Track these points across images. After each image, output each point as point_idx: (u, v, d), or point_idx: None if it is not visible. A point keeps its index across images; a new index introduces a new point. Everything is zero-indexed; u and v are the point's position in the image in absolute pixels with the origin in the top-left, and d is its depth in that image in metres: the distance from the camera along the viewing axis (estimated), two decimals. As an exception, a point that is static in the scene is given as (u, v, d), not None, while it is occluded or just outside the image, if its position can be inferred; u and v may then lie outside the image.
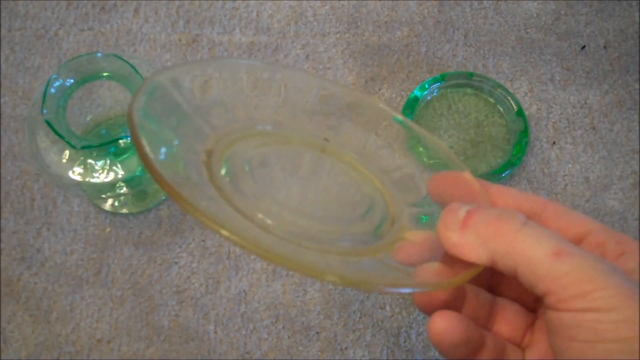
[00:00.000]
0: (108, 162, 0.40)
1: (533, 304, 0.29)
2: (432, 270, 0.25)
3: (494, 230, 0.24)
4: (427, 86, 0.51)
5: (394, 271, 0.26)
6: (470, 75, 0.51)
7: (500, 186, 0.29)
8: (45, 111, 0.37)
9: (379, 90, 0.53)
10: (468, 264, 0.24)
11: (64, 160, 0.40)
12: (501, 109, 0.52)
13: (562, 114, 0.52)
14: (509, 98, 0.51)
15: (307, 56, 0.53)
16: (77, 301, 0.46)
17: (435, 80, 0.51)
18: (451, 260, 0.25)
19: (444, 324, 0.25)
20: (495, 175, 0.49)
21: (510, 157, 0.49)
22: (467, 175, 0.29)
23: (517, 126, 0.50)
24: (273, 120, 0.32)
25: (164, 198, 0.49)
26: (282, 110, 0.32)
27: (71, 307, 0.46)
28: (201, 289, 0.46)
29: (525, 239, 0.23)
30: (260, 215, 0.26)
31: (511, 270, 0.23)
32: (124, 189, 0.41)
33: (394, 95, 0.53)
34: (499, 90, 0.51)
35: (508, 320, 0.28)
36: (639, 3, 0.57)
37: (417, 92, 0.51)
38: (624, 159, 0.51)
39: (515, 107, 0.50)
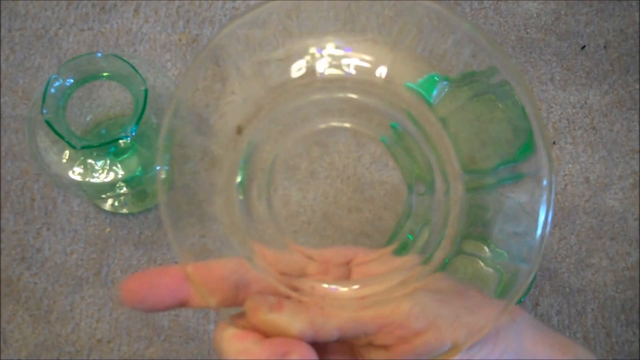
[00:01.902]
0: (108, 162, 0.40)
1: None
2: None
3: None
4: (436, 79, 0.51)
5: None
6: (471, 75, 0.51)
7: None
8: (45, 111, 0.37)
9: (379, 90, 0.53)
10: None
11: (64, 160, 0.40)
12: (501, 109, 0.52)
13: (562, 114, 0.52)
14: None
15: (307, 56, 0.53)
16: (77, 301, 0.46)
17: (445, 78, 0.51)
18: None
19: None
20: (495, 175, 0.49)
21: (510, 157, 0.49)
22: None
23: (517, 126, 0.50)
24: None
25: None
26: None
27: (71, 307, 0.46)
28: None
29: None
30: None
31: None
32: (124, 189, 0.41)
33: (394, 95, 0.53)
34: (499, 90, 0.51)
35: None
36: (639, 3, 0.57)
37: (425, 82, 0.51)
38: (624, 159, 0.51)
39: (515, 107, 0.50)
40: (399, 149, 0.25)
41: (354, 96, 0.24)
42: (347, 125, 0.25)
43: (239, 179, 0.25)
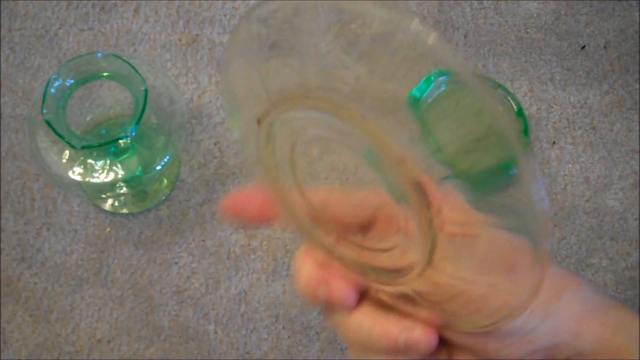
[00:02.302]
0: (108, 162, 0.41)
1: None
2: None
3: None
4: (432, 78, 0.51)
5: None
6: (470, 75, 0.51)
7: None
8: (45, 111, 0.37)
9: (379, 90, 0.53)
10: None
11: (64, 160, 0.40)
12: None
13: (562, 114, 0.52)
14: (508, 98, 0.51)
15: (307, 56, 0.53)
16: (77, 301, 0.46)
17: (442, 73, 0.51)
18: None
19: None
20: (495, 175, 0.49)
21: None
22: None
23: (517, 126, 0.50)
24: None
25: (163, 198, 0.49)
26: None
27: (71, 307, 0.46)
28: (201, 289, 0.46)
29: None
30: None
31: None
32: (124, 189, 0.41)
33: (394, 95, 0.53)
34: (499, 90, 0.51)
35: None
36: (639, 3, 0.57)
37: (423, 84, 0.51)
38: (624, 159, 0.51)
39: (515, 107, 0.50)
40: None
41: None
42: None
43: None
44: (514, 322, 0.22)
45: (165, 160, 0.41)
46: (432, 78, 0.50)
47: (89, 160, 0.40)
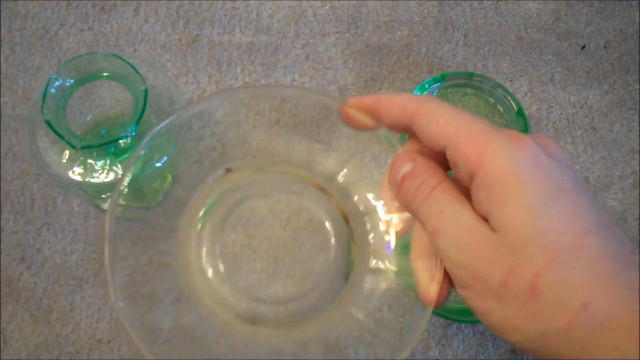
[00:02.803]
0: (108, 162, 0.40)
1: None
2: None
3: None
4: (427, 86, 0.51)
5: None
6: (470, 75, 0.51)
7: (385, 98, 0.29)
8: (45, 111, 0.37)
9: (379, 90, 0.53)
10: None
11: (64, 160, 0.40)
12: (501, 109, 0.52)
13: (562, 114, 0.52)
14: (509, 98, 0.51)
15: (307, 56, 0.53)
16: (77, 301, 0.46)
17: (435, 80, 0.51)
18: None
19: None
20: (495, 175, 0.49)
21: (510, 157, 0.49)
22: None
23: (517, 126, 0.50)
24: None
25: (161, 198, 0.49)
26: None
27: (71, 307, 0.46)
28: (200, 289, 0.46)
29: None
30: None
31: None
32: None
33: (394, 95, 0.53)
34: (499, 90, 0.51)
35: None
36: (639, 3, 0.57)
37: (417, 92, 0.51)
38: (624, 159, 0.51)
39: (515, 107, 0.50)
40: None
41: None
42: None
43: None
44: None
45: (165, 159, 0.41)
46: (427, 85, 0.50)
47: (89, 160, 0.40)
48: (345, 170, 0.33)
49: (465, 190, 0.26)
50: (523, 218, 0.24)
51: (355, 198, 0.33)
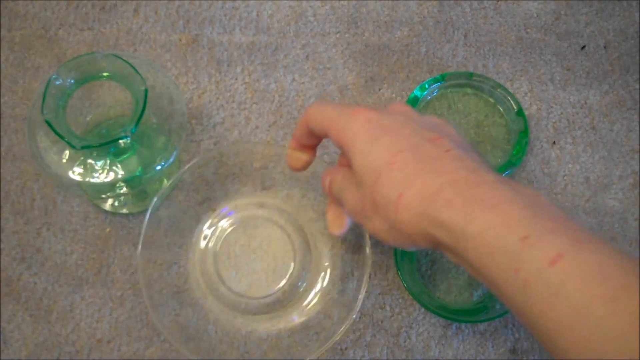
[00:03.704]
0: (108, 162, 0.40)
1: None
2: None
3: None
4: (427, 86, 0.51)
5: None
6: (470, 75, 0.51)
7: (313, 109, 0.39)
8: (45, 111, 0.37)
9: (379, 90, 0.53)
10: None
11: (64, 160, 0.40)
12: (501, 109, 0.52)
13: (562, 114, 0.52)
14: (509, 98, 0.51)
15: (307, 56, 0.53)
16: (77, 301, 0.46)
17: (435, 80, 0.51)
18: None
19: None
20: (495, 175, 0.49)
21: (510, 157, 0.49)
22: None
23: (517, 126, 0.50)
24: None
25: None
26: None
27: (71, 307, 0.46)
28: (200, 289, 0.46)
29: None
30: None
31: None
32: (124, 189, 0.41)
33: (394, 95, 0.53)
34: (499, 90, 0.51)
35: None
36: (639, 3, 0.57)
37: (417, 92, 0.51)
38: (624, 159, 0.51)
39: (515, 107, 0.50)
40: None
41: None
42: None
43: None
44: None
45: (165, 160, 0.41)
46: (427, 85, 0.50)
47: (89, 160, 0.40)
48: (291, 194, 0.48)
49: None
50: (359, 160, 0.35)
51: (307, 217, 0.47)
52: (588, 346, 0.25)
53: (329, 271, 0.46)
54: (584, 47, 0.55)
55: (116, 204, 0.48)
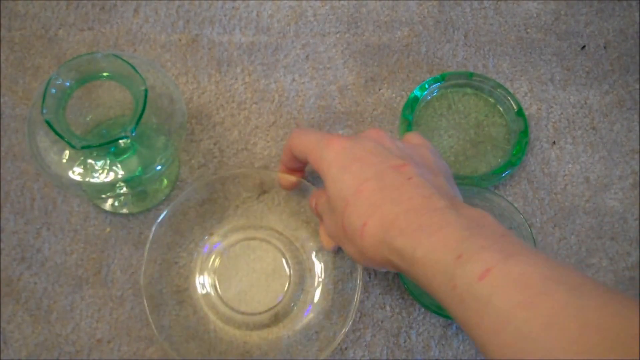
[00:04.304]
0: (108, 162, 0.40)
1: None
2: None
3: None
4: (427, 86, 0.51)
5: None
6: (470, 75, 0.51)
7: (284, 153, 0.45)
8: (45, 111, 0.37)
9: (379, 90, 0.53)
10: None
11: (64, 160, 0.40)
12: (501, 109, 0.52)
13: (562, 114, 0.52)
14: (509, 98, 0.51)
15: (307, 56, 0.53)
16: (77, 301, 0.46)
17: (435, 80, 0.51)
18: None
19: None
20: (495, 175, 0.49)
21: (510, 157, 0.49)
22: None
23: (517, 126, 0.50)
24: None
25: (163, 198, 0.49)
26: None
27: (71, 307, 0.46)
28: (200, 288, 0.46)
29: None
30: None
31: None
32: (124, 189, 0.41)
33: (394, 95, 0.53)
34: (499, 90, 0.51)
35: None
36: (639, 3, 0.57)
37: (417, 92, 0.51)
38: (624, 159, 0.51)
39: (515, 107, 0.50)
40: None
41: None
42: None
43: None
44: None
45: (165, 160, 0.41)
46: (427, 85, 0.50)
47: (89, 160, 0.40)
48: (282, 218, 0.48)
49: None
50: (331, 189, 0.38)
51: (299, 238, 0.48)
52: (510, 351, 0.27)
53: (323, 280, 0.46)
54: (584, 47, 0.55)
55: (116, 204, 0.48)
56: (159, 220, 0.44)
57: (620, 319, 0.25)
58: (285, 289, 0.46)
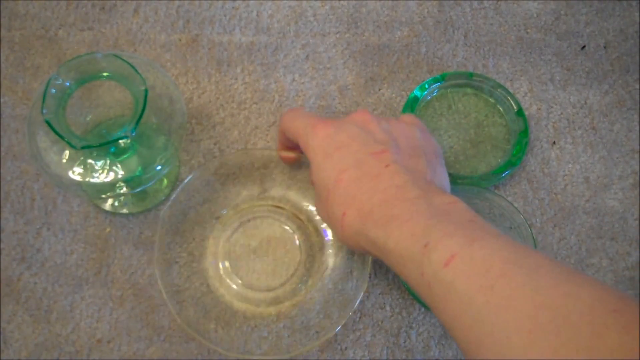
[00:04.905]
0: (108, 162, 0.40)
1: None
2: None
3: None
4: (427, 86, 0.51)
5: None
6: (470, 75, 0.51)
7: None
8: (45, 111, 0.37)
9: (379, 90, 0.53)
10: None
11: (64, 160, 0.40)
12: (501, 109, 0.52)
13: (562, 114, 0.52)
14: (509, 98, 0.51)
15: (307, 56, 0.53)
16: (77, 301, 0.46)
17: (435, 80, 0.51)
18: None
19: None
20: (495, 175, 0.49)
21: (510, 157, 0.49)
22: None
23: (517, 126, 0.50)
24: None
25: (163, 198, 0.49)
26: None
27: (71, 307, 0.46)
28: (201, 288, 0.46)
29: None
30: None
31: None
32: (124, 189, 0.41)
33: (394, 95, 0.53)
34: (499, 90, 0.51)
35: None
36: (639, 3, 0.57)
37: (417, 92, 0.51)
38: (624, 159, 0.51)
39: (515, 107, 0.50)
40: None
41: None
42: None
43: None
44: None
45: (165, 160, 0.41)
46: (427, 85, 0.50)
47: (89, 160, 0.40)
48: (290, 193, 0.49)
49: None
50: (315, 175, 0.39)
51: (302, 203, 0.48)
52: (471, 334, 0.28)
53: (329, 270, 0.46)
54: (584, 47, 0.55)
55: (116, 204, 0.48)
56: (170, 201, 0.45)
57: (571, 298, 0.26)
58: (293, 271, 0.47)
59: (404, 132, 0.40)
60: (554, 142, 0.52)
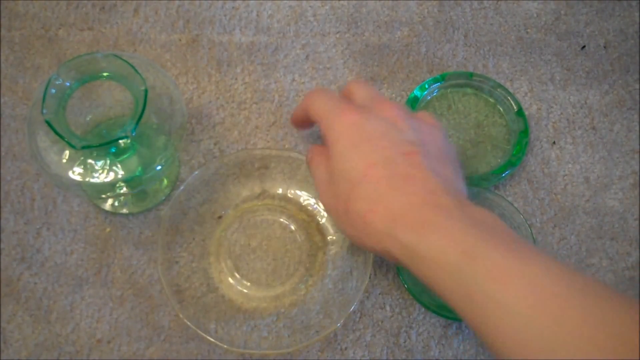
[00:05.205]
0: (108, 162, 0.40)
1: None
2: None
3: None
4: (427, 86, 0.51)
5: None
6: (470, 75, 0.51)
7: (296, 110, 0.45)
8: (45, 111, 0.37)
9: (379, 90, 0.53)
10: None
11: (64, 160, 0.40)
12: (501, 109, 0.52)
13: (562, 114, 0.52)
14: (509, 98, 0.51)
15: (307, 56, 0.53)
16: (77, 301, 0.46)
17: (435, 80, 0.51)
18: None
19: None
20: (495, 175, 0.49)
21: (510, 157, 0.49)
22: None
23: (517, 126, 0.50)
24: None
25: (163, 198, 0.49)
26: None
27: (71, 307, 0.46)
28: (201, 288, 0.46)
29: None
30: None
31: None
32: (124, 189, 0.41)
33: (394, 95, 0.53)
34: (499, 90, 0.51)
35: None
36: (639, 3, 0.57)
37: (417, 92, 0.51)
38: (624, 159, 0.51)
39: (515, 107, 0.50)
40: None
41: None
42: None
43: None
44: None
45: (165, 160, 0.41)
46: (427, 85, 0.50)
47: (89, 160, 0.40)
48: (289, 189, 0.49)
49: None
50: (337, 164, 0.37)
51: (303, 202, 0.49)
52: (521, 350, 0.28)
53: (329, 269, 0.46)
54: (584, 47, 0.55)
55: (116, 204, 0.48)
56: (171, 201, 0.45)
57: (621, 314, 0.27)
58: (292, 270, 0.47)
59: (431, 134, 0.39)
60: (554, 142, 0.52)
